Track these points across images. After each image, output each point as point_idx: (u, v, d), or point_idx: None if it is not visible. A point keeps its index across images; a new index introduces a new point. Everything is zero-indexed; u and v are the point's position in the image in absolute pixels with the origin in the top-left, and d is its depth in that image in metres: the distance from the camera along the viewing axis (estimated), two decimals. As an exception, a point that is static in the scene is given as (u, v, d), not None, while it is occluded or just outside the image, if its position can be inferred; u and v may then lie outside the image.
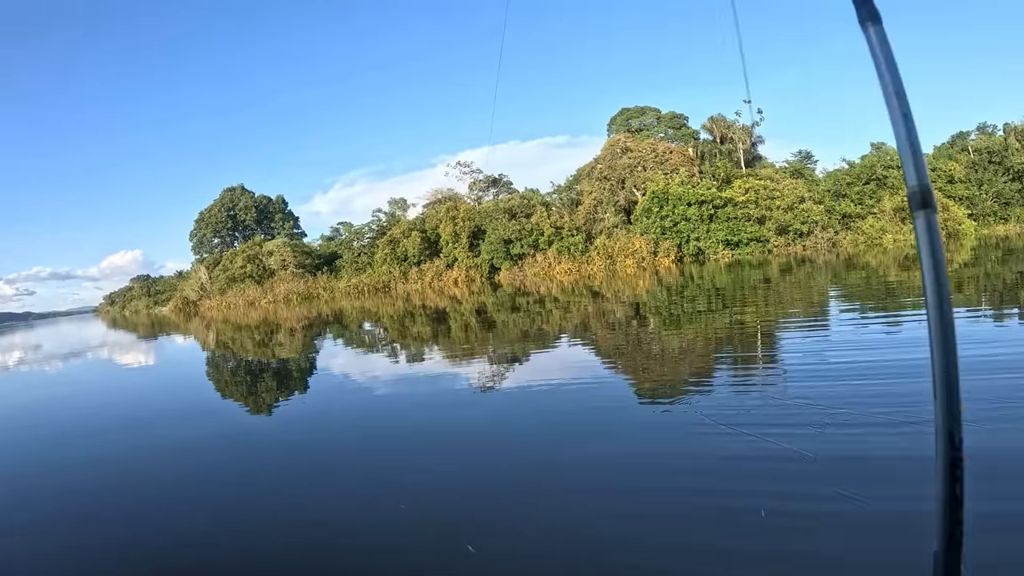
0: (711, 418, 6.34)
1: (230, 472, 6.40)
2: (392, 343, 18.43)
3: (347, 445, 7.17)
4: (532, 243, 47.42)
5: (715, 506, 4.24)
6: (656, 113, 54.54)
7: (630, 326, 16.34)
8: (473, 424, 7.48)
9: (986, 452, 4.55)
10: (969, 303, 14.51)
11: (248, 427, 8.83)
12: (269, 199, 74.84)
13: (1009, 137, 51.64)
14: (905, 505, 3.83)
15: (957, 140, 56.74)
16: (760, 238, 43.10)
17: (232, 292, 59.48)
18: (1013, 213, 47.14)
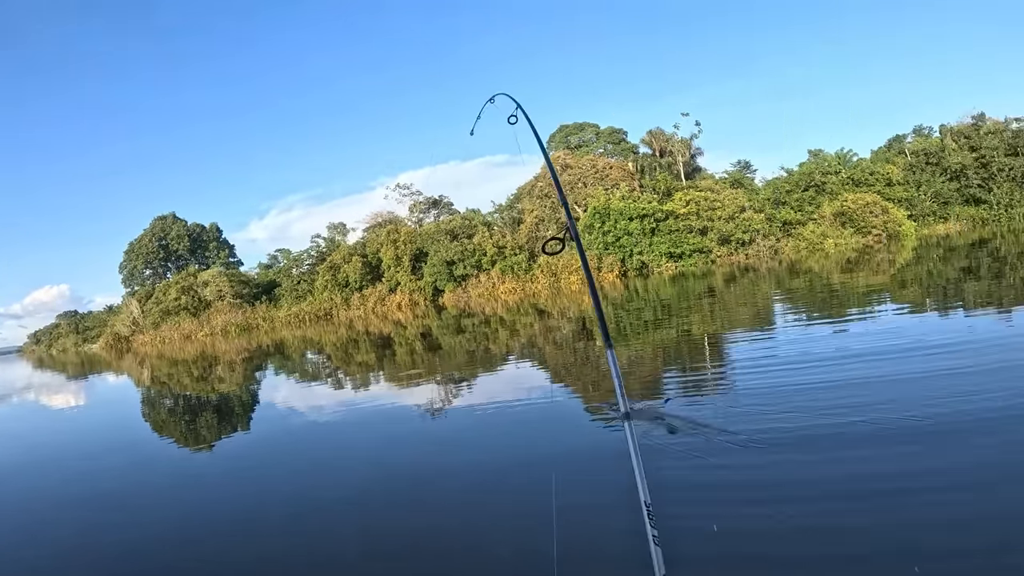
0: (654, 440, 6.36)
1: (167, 519, 6.14)
2: (336, 372, 18.01)
3: (288, 485, 6.94)
4: (475, 264, 46.71)
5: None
6: (595, 129, 54.49)
7: (577, 343, 16.38)
8: (421, 453, 7.53)
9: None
10: (913, 303, 14.97)
11: (186, 469, 8.50)
12: (203, 227, 72.41)
13: (945, 138, 53.03)
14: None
15: (894, 143, 58.09)
16: (703, 249, 43.09)
17: (166, 326, 57.13)
18: (952, 212, 48.20)
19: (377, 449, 8.03)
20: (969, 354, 8.50)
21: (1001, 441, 5.14)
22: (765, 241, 43.48)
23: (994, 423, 5.59)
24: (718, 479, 5.25)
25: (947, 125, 54.86)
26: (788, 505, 4.55)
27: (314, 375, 18.16)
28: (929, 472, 4.76)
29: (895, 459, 5.07)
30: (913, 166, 50.77)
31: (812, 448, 5.65)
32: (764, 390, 8.08)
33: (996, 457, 4.86)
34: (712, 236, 43.42)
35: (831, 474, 5.00)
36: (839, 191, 45.74)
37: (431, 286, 48.23)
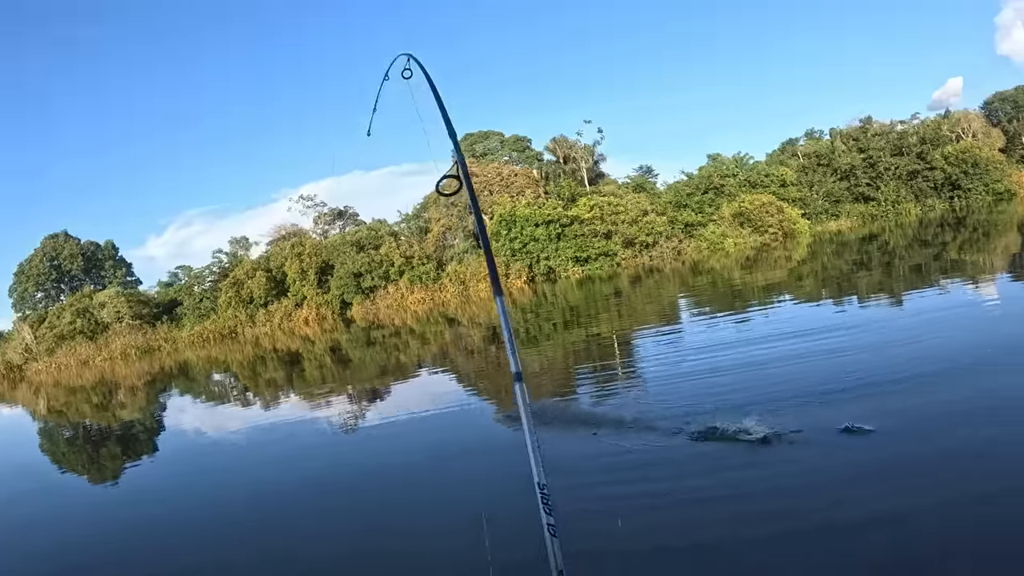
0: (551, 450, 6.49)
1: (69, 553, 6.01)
2: (244, 392, 17.80)
3: (195, 511, 6.85)
4: (383, 275, 46.01)
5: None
6: (500, 137, 54.51)
7: (488, 350, 16.54)
8: (333, 473, 7.46)
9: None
10: (809, 295, 15.95)
11: (88, 501, 8.24)
12: (97, 245, 68.70)
13: (835, 140, 55.67)
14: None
15: (787, 146, 60.48)
16: (608, 252, 43.66)
17: (62, 352, 53.99)
18: (843, 210, 50.56)
19: (287, 467, 8.00)
20: (855, 337, 9.45)
21: (873, 408, 5.95)
22: (668, 243, 44.46)
23: (873, 395, 6.40)
24: (626, 473, 5.50)
25: (837, 128, 57.78)
26: (692, 496, 4.83)
27: (221, 396, 17.87)
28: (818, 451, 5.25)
29: (792, 446, 5.48)
30: (806, 167, 53.03)
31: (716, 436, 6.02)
32: (672, 383, 8.50)
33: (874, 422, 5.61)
34: (617, 240, 44.09)
35: (733, 462, 5.34)
36: (737, 193, 47.25)
37: (338, 299, 47.29)
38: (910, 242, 28.43)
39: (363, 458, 8.08)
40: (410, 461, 7.29)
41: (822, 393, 6.85)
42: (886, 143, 52.52)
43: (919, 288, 14.95)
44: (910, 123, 56.63)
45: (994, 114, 63.79)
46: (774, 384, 7.47)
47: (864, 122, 56.65)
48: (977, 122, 59.68)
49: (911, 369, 7.27)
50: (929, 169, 50.03)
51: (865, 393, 6.61)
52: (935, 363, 7.43)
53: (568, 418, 7.75)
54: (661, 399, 7.80)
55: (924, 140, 52.04)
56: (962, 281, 14.76)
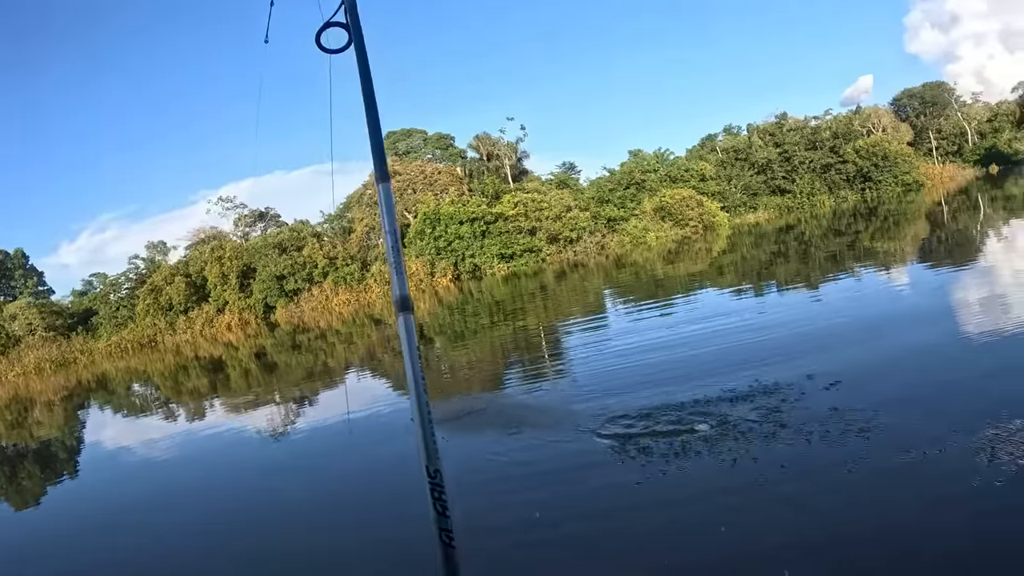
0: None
1: None
2: (167, 403, 17.41)
3: (121, 527, 6.70)
4: (306, 277, 45.35)
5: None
6: (423, 135, 54.41)
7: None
8: (261, 477, 7.48)
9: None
10: (730, 284, 16.51)
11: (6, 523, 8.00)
12: (6, 253, 65.62)
13: (752, 136, 57.43)
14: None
15: (706, 142, 62.19)
16: (533, 248, 43.95)
17: (-29, 367, 51.19)
18: (761, 202, 52.26)
19: (216, 479, 7.94)
20: (772, 323, 10.11)
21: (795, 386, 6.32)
22: (592, 238, 45.03)
23: (790, 373, 6.85)
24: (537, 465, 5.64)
25: (754, 124, 59.78)
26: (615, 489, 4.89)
27: (142, 408, 17.54)
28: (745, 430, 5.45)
29: (717, 423, 5.73)
30: (724, 162, 54.55)
31: (643, 421, 6.23)
32: (598, 373, 8.78)
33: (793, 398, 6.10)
34: (541, 236, 44.44)
35: (659, 449, 5.44)
36: (658, 188, 48.16)
37: (261, 303, 46.39)
38: (825, 232, 29.53)
39: (291, 461, 8.13)
40: (342, 465, 7.39)
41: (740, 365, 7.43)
42: (801, 138, 54.47)
43: (833, 274, 15.69)
44: (823, 119, 58.94)
45: (903, 110, 66.92)
46: (696, 367, 7.91)
47: (780, 118, 58.67)
48: (887, 117, 62.53)
49: (826, 342, 8.11)
50: (842, 162, 52.06)
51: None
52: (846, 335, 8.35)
53: (490, 414, 7.96)
54: (583, 390, 8.08)
55: (837, 135, 54.11)
56: (873, 267, 15.66)
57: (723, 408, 6.17)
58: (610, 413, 6.67)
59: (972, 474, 4.02)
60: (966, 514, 3.70)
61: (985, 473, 3.99)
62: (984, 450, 4.31)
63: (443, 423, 7.83)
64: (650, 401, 6.81)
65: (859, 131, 56.60)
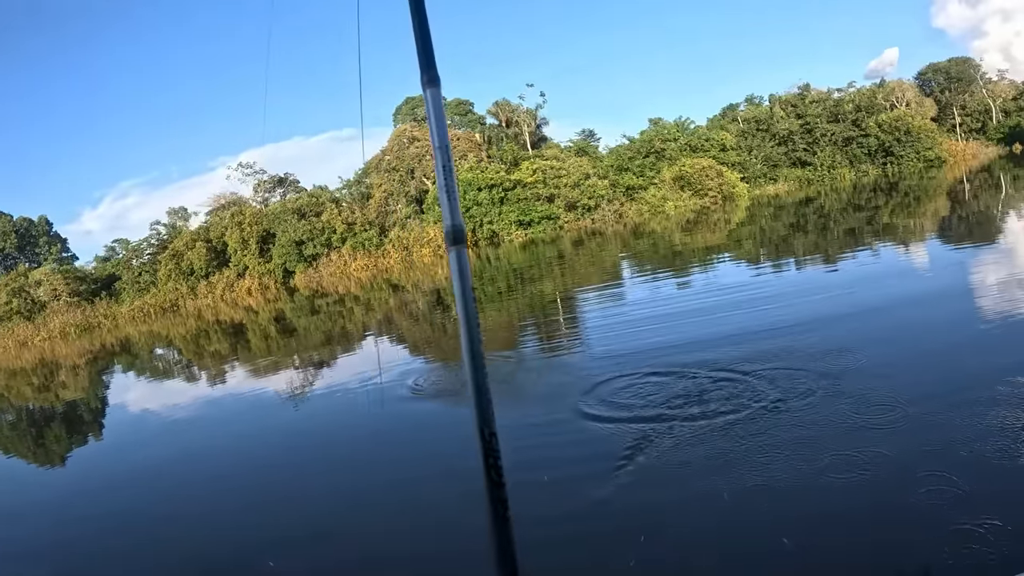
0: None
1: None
2: (188, 366, 17.61)
3: (154, 492, 6.66)
4: (325, 242, 45.58)
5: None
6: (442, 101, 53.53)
7: (432, 316, 16.62)
8: (286, 446, 7.41)
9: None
10: (748, 256, 16.37)
11: (35, 483, 8.09)
12: (31, 221, 66.63)
13: (774, 107, 56.66)
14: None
15: (727, 112, 61.35)
16: (551, 216, 43.83)
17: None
18: (781, 173, 51.83)
19: (238, 440, 7.96)
20: (787, 297, 10.01)
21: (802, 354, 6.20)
22: (610, 206, 44.85)
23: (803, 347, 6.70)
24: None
25: (776, 95, 58.85)
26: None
27: (165, 372, 17.60)
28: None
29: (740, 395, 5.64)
30: (745, 132, 54.01)
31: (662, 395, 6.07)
32: (615, 341, 8.66)
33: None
34: (559, 203, 44.30)
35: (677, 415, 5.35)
36: (678, 157, 47.85)
37: (281, 268, 46.72)
38: (844, 206, 29.22)
39: (310, 422, 8.18)
40: (363, 426, 7.39)
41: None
42: (823, 110, 53.81)
43: (850, 249, 15.53)
44: (846, 91, 58.03)
45: (927, 84, 65.61)
46: (717, 343, 7.72)
47: (802, 89, 57.88)
48: (911, 92, 61.33)
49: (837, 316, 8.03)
50: (864, 136, 51.42)
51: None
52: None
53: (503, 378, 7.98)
54: (599, 359, 7.99)
55: (859, 108, 53.37)
56: (891, 243, 15.53)
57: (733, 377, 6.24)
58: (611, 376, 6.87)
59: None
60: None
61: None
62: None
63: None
64: (660, 363, 6.99)
65: (882, 105, 55.72)
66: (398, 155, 47.74)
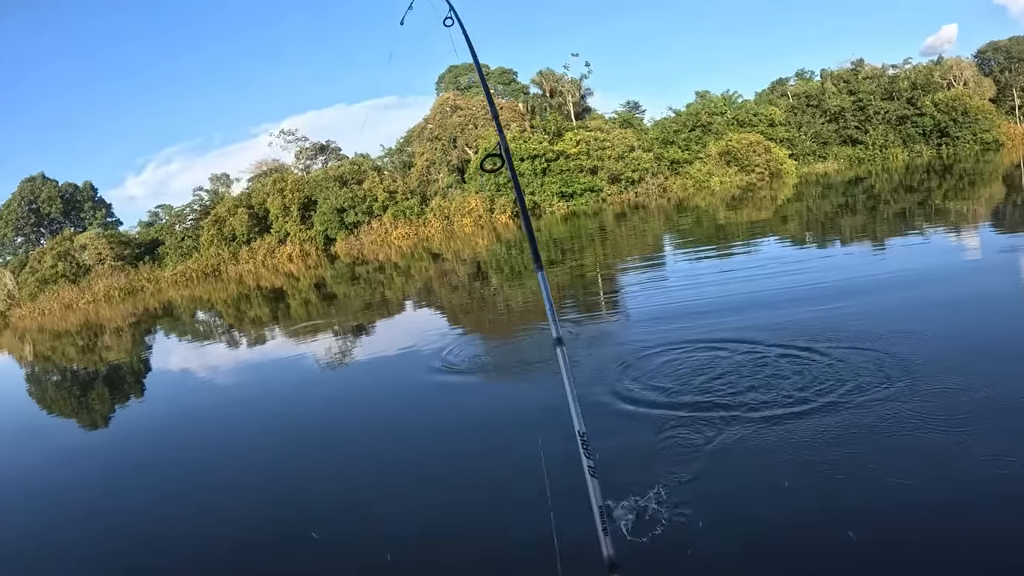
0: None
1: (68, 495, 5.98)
2: (229, 330, 17.80)
3: (190, 450, 6.80)
4: (366, 210, 45.55)
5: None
6: (485, 69, 53.51)
7: (472, 285, 16.70)
8: (324, 412, 7.36)
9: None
10: (792, 235, 15.95)
11: (84, 447, 8.08)
12: (76, 187, 67.69)
13: (826, 82, 55.03)
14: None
15: (777, 86, 59.89)
16: (593, 188, 43.37)
17: (45, 296, 53.33)
18: (831, 151, 50.50)
19: (280, 407, 7.97)
20: (833, 279, 9.44)
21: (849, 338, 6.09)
22: (654, 179, 44.29)
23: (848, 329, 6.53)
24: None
25: (827, 70, 57.12)
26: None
27: (206, 335, 17.79)
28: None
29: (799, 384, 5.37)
30: (795, 108, 52.70)
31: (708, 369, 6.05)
32: (660, 322, 8.39)
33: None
34: (602, 175, 43.86)
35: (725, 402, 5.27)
36: (724, 131, 46.92)
37: (322, 235, 46.94)
38: (896, 187, 28.36)
39: (350, 387, 8.25)
40: (403, 396, 7.33)
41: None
42: (877, 87, 52.20)
43: (901, 232, 15.00)
44: (902, 68, 56.12)
45: (986, 64, 63.17)
46: (767, 327, 7.45)
47: (856, 64, 56.19)
48: (969, 71, 59.07)
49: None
50: (919, 115, 49.79)
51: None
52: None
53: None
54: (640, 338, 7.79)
55: (915, 86, 51.62)
56: (943, 228, 14.75)
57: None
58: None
59: None
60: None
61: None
62: None
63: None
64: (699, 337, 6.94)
65: (939, 83, 53.82)
66: (440, 124, 47.52)
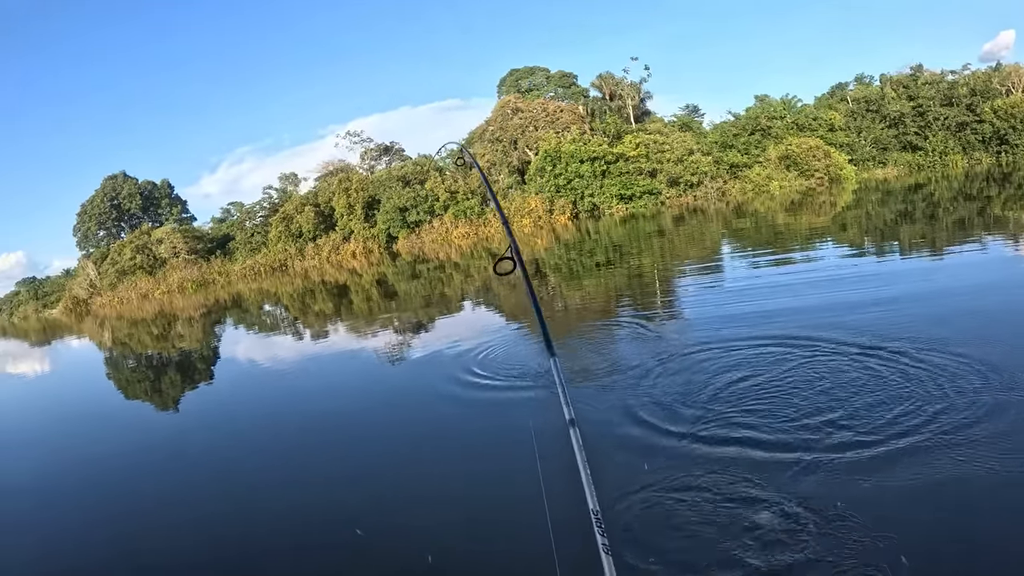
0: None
1: (137, 481, 6.29)
2: (295, 323, 18.19)
3: (267, 441, 6.97)
4: (428, 209, 46.55)
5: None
6: (545, 72, 54.16)
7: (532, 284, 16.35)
8: (386, 407, 7.40)
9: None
10: (852, 242, 15.66)
11: (162, 428, 8.57)
12: (154, 184, 70.74)
13: (885, 87, 54.09)
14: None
15: (836, 91, 59.01)
16: (652, 191, 43.53)
17: (124, 286, 56.14)
18: (890, 157, 49.54)
19: (335, 403, 7.99)
20: (895, 285, 9.20)
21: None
22: (713, 183, 44.14)
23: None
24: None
25: (887, 75, 56.17)
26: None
27: (273, 327, 18.41)
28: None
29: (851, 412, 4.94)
30: (854, 113, 51.86)
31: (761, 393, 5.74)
32: (713, 332, 7.95)
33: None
34: (661, 178, 43.94)
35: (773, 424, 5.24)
36: (784, 135, 46.48)
37: (385, 233, 48.10)
38: (955, 195, 27.79)
39: (409, 382, 8.35)
40: (460, 391, 7.24)
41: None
42: (936, 92, 50.99)
43: (962, 241, 14.23)
44: (961, 73, 54.74)
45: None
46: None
47: (915, 70, 55.03)
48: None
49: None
50: (978, 122, 48.47)
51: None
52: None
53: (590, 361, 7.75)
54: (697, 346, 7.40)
55: (974, 92, 50.25)
56: (1003, 238, 14.34)
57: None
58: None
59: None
60: None
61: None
62: None
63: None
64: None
65: (997, 89, 52.24)
66: (501, 126, 48.29)
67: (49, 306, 70.46)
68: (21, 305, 78.90)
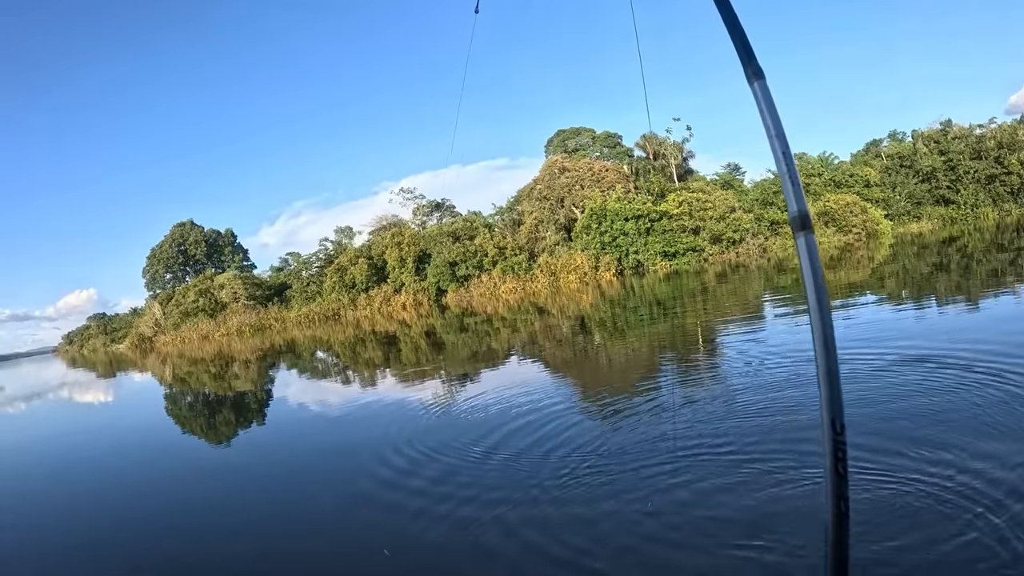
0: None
1: (187, 511, 6.38)
2: (345, 369, 18.67)
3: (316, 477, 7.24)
4: (477, 264, 47.76)
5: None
6: (591, 133, 55.99)
7: (575, 340, 16.78)
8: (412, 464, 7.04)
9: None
10: (890, 295, 15.52)
11: (209, 462, 8.99)
12: (219, 233, 74.35)
13: (917, 143, 54.75)
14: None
15: (871, 147, 59.72)
16: (696, 248, 44.34)
17: (186, 327, 58.81)
18: (924, 211, 49.85)
19: (373, 448, 7.84)
20: (934, 341, 8.73)
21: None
22: (754, 240, 44.85)
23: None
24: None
25: (919, 131, 56.78)
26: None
27: (324, 372, 18.98)
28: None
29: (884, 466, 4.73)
30: (889, 168, 52.49)
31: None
32: (756, 387, 7.77)
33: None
34: (704, 235, 44.79)
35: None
36: (822, 192, 47.24)
37: (434, 286, 49.39)
38: (988, 246, 27.70)
39: (450, 431, 8.41)
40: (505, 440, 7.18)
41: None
42: (966, 146, 51.51)
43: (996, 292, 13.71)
44: (988, 127, 54.86)
45: (1069, 121, 60.19)
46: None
47: (944, 125, 55.50)
48: (1053, 128, 56.74)
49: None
50: (1006, 173, 48.64)
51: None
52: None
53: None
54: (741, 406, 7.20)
55: (1001, 144, 50.35)
56: None
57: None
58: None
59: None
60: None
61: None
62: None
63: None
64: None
65: (1023, 142, 52.18)
66: (549, 184, 49.75)
67: (116, 341, 74.07)
68: (91, 339, 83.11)
